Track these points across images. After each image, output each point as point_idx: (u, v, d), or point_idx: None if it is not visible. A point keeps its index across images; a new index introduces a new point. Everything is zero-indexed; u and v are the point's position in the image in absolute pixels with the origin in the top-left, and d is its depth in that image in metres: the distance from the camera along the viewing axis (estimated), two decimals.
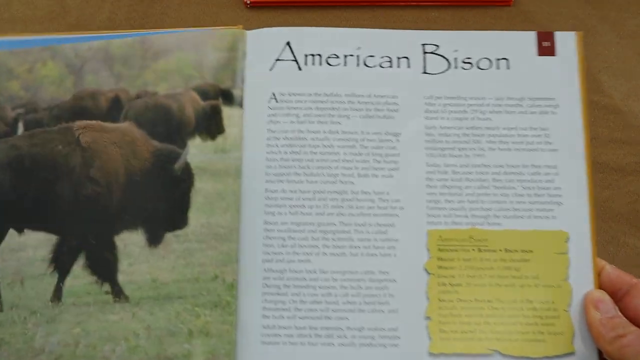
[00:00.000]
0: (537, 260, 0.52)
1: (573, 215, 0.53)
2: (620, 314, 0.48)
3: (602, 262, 0.52)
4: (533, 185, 0.53)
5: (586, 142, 0.54)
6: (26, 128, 0.55)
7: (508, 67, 0.56)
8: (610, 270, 0.52)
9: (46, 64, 0.56)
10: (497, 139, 0.55)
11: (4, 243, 0.52)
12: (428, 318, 0.51)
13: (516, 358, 0.50)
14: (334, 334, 0.51)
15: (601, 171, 0.71)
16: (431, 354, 0.51)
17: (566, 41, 0.56)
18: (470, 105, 0.55)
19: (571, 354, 0.50)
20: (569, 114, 0.55)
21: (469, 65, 0.56)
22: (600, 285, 0.51)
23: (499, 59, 0.56)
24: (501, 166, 0.54)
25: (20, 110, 0.55)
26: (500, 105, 0.55)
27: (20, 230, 0.52)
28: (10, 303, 0.51)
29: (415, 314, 0.51)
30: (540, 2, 0.65)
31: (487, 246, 0.52)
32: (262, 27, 0.61)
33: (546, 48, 0.56)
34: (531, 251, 0.52)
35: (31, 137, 0.54)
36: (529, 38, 0.56)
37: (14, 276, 0.51)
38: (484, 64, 0.56)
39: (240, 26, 0.58)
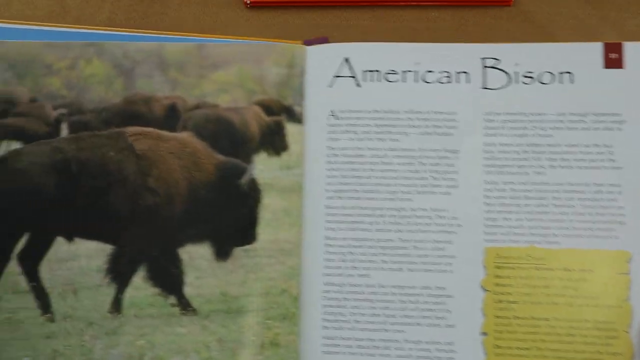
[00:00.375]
0: (596, 280, 0.51)
1: (636, 235, 0.51)
2: None
3: None
4: (594, 204, 0.52)
5: None
6: (71, 130, 0.54)
7: (572, 81, 0.54)
8: None
9: (91, 61, 0.55)
10: (558, 156, 0.53)
11: (51, 252, 0.52)
12: (484, 334, 0.52)
13: None
14: (391, 346, 0.53)
15: None
16: None
17: (636, 52, 0.53)
18: (531, 121, 0.54)
19: None
20: (635, 130, 0.52)
21: (530, 79, 0.55)
22: None
23: (562, 73, 0.54)
24: (561, 184, 0.53)
25: (63, 110, 0.54)
26: (562, 121, 0.54)
27: (69, 239, 0.52)
28: (63, 314, 0.51)
29: (472, 330, 0.52)
30: (540, 2, 0.63)
31: (545, 265, 0.52)
32: (266, 30, 0.61)
33: (613, 60, 0.54)
34: (591, 271, 0.51)
35: (78, 141, 0.53)
36: (595, 50, 0.54)
37: (65, 286, 0.52)
38: (546, 78, 0.55)
39: (300, 41, 0.58)
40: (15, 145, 0.53)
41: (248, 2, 0.61)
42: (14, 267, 0.52)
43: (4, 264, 0.51)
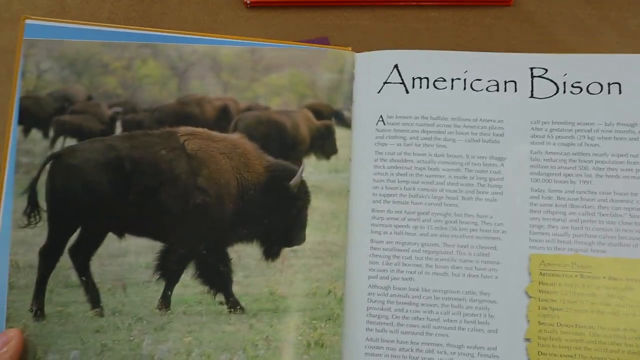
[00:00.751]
0: None
1: None
2: None
3: None
4: None
5: None
6: (125, 128, 0.54)
7: (620, 92, 0.54)
8: None
9: (146, 62, 0.55)
10: (605, 165, 0.53)
11: (102, 248, 0.52)
12: (528, 340, 0.52)
13: None
14: (434, 349, 0.52)
15: None
16: None
17: None
18: (578, 130, 0.54)
19: None
20: None
21: (578, 89, 0.54)
22: None
23: (610, 83, 0.54)
24: (608, 193, 0.53)
25: (117, 109, 0.55)
26: (609, 131, 0.53)
27: (120, 235, 0.53)
28: (112, 309, 0.52)
29: (515, 336, 0.52)
30: (540, 2, 0.62)
31: (590, 273, 0.52)
32: (266, 29, 0.61)
33: None
34: (637, 280, 0.51)
35: (131, 139, 0.53)
36: None
37: (114, 282, 0.52)
38: (594, 88, 0.54)
39: (349, 48, 0.58)
40: (71, 141, 0.53)
41: (248, 2, 0.61)
42: (65, 261, 0.52)
43: (57, 258, 0.51)
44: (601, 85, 0.54)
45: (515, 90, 0.55)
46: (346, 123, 0.56)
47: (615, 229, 0.52)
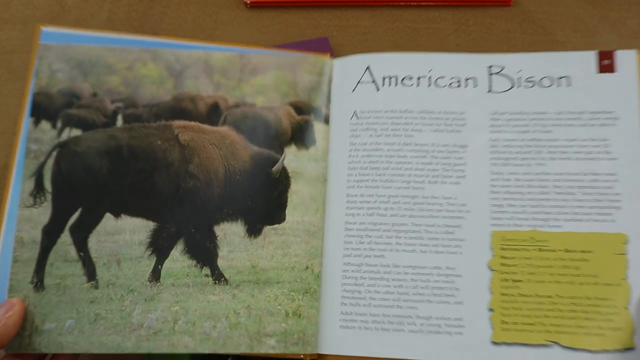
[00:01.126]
0: (596, 260, 0.53)
1: (633, 218, 0.54)
2: None
3: None
4: (593, 192, 0.55)
5: None
6: (125, 121, 0.59)
7: (569, 85, 0.58)
8: None
9: (146, 64, 0.60)
10: (557, 149, 0.57)
11: (100, 226, 0.56)
12: (491, 310, 0.54)
13: (575, 350, 0.52)
14: (404, 321, 0.55)
15: None
16: (493, 343, 0.53)
17: (626, 59, 0.57)
18: (533, 119, 0.58)
19: (631, 349, 0.51)
20: (629, 125, 0.56)
21: (531, 83, 0.59)
22: None
23: (560, 78, 0.58)
24: (561, 174, 0.56)
25: (119, 104, 0.59)
26: (560, 119, 0.57)
27: (117, 215, 0.57)
28: (106, 282, 0.55)
29: (479, 306, 0.54)
30: (540, 2, 0.61)
31: (547, 246, 0.54)
32: (266, 29, 0.62)
33: (606, 66, 0.58)
34: (590, 252, 0.54)
35: (130, 130, 0.58)
36: (590, 57, 0.58)
37: (109, 257, 0.56)
38: (545, 82, 0.59)
39: (328, 54, 0.63)
40: (77, 132, 0.58)
41: (248, 2, 0.61)
42: (66, 238, 0.56)
43: (58, 235, 0.55)
44: (552, 80, 0.59)
45: (475, 86, 0.60)
46: (325, 119, 0.61)
47: (568, 206, 0.55)
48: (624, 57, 0.58)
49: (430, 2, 0.64)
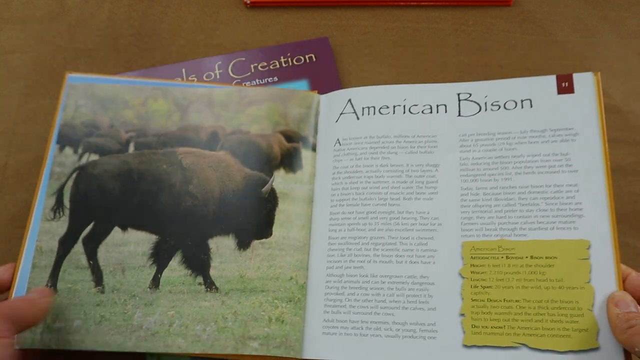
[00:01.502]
0: (560, 265, 0.54)
1: (594, 225, 0.55)
2: (637, 310, 0.49)
3: (629, 270, 0.53)
4: (555, 202, 0.57)
5: (605, 161, 0.57)
6: (136, 148, 0.65)
7: (531, 106, 0.62)
8: (635, 276, 0.52)
9: (157, 100, 0.67)
10: (522, 164, 0.59)
11: (108, 238, 0.62)
12: (462, 315, 0.55)
13: (542, 351, 0.52)
14: (381, 327, 0.56)
15: None
16: (464, 346, 0.54)
17: (584, 81, 0.61)
18: (498, 139, 0.61)
19: (596, 349, 0.51)
20: (587, 140, 0.58)
21: (497, 107, 0.63)
22: (625, 289, 0.52)
23: (523, 100, 0.62)
24: (526, 187, 0.58)
25: (132, 134, 0.66)
26: (524, 137, 0.60)
27: (124, 229, 0.62)
28: (111, 287, 0.60)
29: (451, 312, 0.55)
30: (540, 2, 0.61)
31: (514, 254, 0.56)
32: (266, 29, 0.62)
33: (565, 88, 0.61)
34: (555, 257, 0.55)
35: (140, 156, 0.63)
36: (550, 81, 0.62)
37: (115, 266, 0.60)
38: (510, 105, 0.62)
39: (316, 91, 0.69)
40: (94, 157, 0.65)
41: (248, 2, 0.60)
42: (78, 248, 0.61)
43: (72, 245, 0.61)
44: (515, 102, 0.62)
45: (446, 112, 0.64)
46: (312, 147, 0.66)
47: (533, 216, 0.57)
48: (581, 79, 0.61)
49: (430, 2, 0.62)
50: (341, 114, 0.67)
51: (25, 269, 0.60)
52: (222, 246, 0.62)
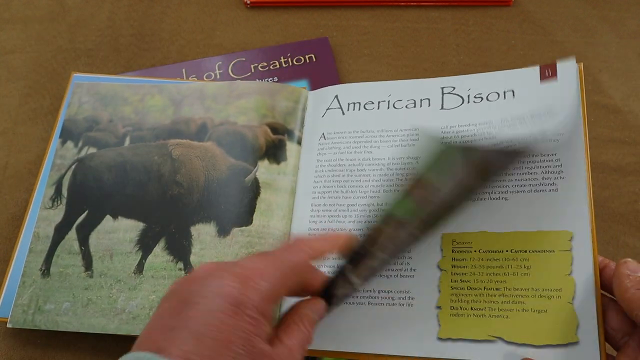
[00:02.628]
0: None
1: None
2: None
3: (607, 260, 0.46)
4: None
5: (586, 150, 0.50)
6: (132, 141, 0.63)
7: (514, 96, 0.56)
8: (613, 267, 0.45)
9: (154, 96, 0.65)
10: None
11: (100, 225, 0.59)
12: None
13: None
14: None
15: (601, 171, 0.60)
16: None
17: (566, 68, 0.54)
18: (479, 129, 0.55)
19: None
20: (568, 125, 0.52)
21: (479, 99, 0.57)
22: (602, 282, 0.45)
23: (506, 91, 0.56)
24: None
25: (129, 128, 0.64)
26: (504, 125, 0.54)
27: (115, 217, 0.60)
28: (99, 272, 0.57)
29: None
30: (540, 2, 0.57)
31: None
32: (266, 29, 0.59)
33: (548, 76, 0.55)
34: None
35: (135, 148, 0.62)
36: (534, 72, 0.56)
37: (104, 251, 0.58)
38: (492, 96, 0.57)
39: (304, 88, 0.66)
40: (93, 150, 0.63)
41: (248, 2, 0.57)
42: (72, 234, 0.59)
43: (66, 232, 0.59)
44: (498, 94, 0.57)
45: (429, 105, 0.59)
46: (297, 140, 0.62)
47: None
48: (564, 67, 0.54)
49: (430, 2, 0.59)
50: (327, 109, 0.63)
51: (22, 254, 0.58)
52: (203, 233, 0.58)
